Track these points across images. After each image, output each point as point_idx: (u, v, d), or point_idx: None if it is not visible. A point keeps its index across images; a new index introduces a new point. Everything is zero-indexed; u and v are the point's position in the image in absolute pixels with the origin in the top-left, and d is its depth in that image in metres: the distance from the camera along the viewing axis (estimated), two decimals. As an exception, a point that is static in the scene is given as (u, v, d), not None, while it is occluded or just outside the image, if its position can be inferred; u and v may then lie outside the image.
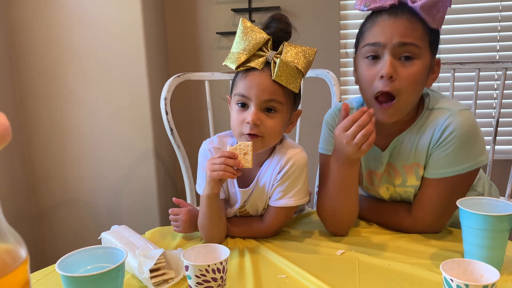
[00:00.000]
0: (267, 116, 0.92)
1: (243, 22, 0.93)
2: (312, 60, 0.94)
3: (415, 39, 0.89)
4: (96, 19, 1.88)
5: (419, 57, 0.90)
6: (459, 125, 0.92)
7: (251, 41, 0.90)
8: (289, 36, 0.94)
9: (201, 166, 1.02)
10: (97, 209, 2.05)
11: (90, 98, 1.94)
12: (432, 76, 0.97)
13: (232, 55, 0.92)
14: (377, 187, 1.09)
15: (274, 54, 0.91)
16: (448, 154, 0.94)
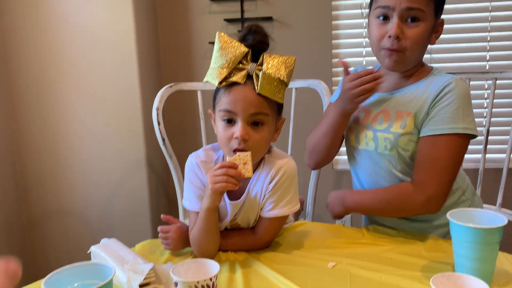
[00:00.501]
0: (255, 130, 0.92)
1: (220, 36, 0.92)
2: (293, 69, 0.94)
3: (420, 3, 1.01)
4: (89, 28, 1.88)
5: (423, 20, 1.03)
6: (458, 86, 1.02)
7: (230, 55, 0.90)
8: (267, 46, 0.94)
9: (188, 180, 1.01)
10: (89, 218, 2.03)
11: (82, 106, 1.93)
12: (436, 35, 1.09)
13: (213, 71, 0.92)
14: (360, 128, 1.14)
15: (255, 66, 0.91)
16: (446, 111, 1.01)
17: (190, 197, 0.99)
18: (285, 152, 1.03)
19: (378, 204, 1.09)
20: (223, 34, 0.93)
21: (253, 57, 0.92)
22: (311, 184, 1.59)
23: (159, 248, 1.04)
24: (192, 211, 0.99)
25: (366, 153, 1.14)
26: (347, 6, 2.07)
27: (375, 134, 1.10)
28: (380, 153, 1.10)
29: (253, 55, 0.92)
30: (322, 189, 1.67)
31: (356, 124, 1.16)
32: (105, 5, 1.86)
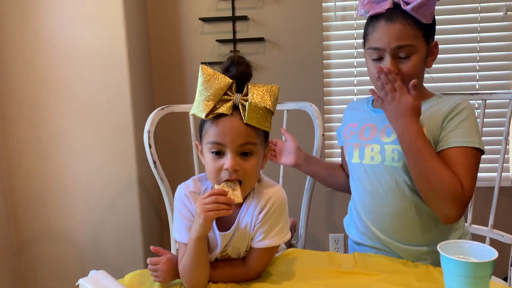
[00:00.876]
0: (244, 160, 0.92)
1: (203, 69, 0.92)
2: (277, 97, 0.95)
3: (410, 39, 1.06)
4: (80, 49, 1.88)
5: (415, 52, 1.07)
6: (469, 106, 1.08)
7: (215, 88, 0.90)
8: (251, 77, 0.94)
9: (177, 212, 1.00)
10: (79, 241, 2.01)
11: (73, 127, 1.92)
12: (431, 58, 1.13)
13: (199, 103, 0.92)
14: (365, 143, 1.15)
15: (240, 97, 0.91)
16: (463, 125, 1.05)
17: (179, 228, 0.98)
18: (274, 181, 1.03)
19: (429, 163, 1.02)
20: (206, 66, 0.93)
21: (238, 88, 0.92)
22: (303, 207, 1.58)
23: (148, 279, 1.02)
24: (181, 243, 0.98)
25: (370, 169, 1.15)
26: (338, 27, 2.09)
27: (383, 147, 1.12)
28: (386, 166, 1.11)
29: (237, 86, 0.92)
30: (313, 209, 1.67)
31: (361, 139, 1.17)
32: (97, 26, 1.87)
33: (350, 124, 1.26)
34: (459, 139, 1.04)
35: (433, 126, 1.07)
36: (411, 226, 1.11)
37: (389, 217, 1.13)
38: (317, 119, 1.53)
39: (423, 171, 1.02)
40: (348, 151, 1.22)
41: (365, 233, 1.18)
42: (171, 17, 2.14)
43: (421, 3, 1.03)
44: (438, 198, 1.01)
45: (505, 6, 1.97)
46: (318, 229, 2.22)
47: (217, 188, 0.89)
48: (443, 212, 1.03)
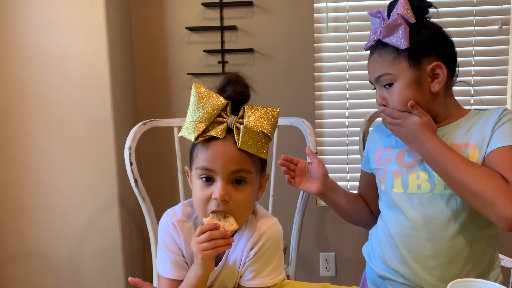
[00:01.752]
0: (236, 189, 0.82)
1: (196, 87, 0.83)
2: (277, 122, 0.86)
3: (385, 68, 1.05)
4: (59, 58, 1.77)
5: (396, 80, 1.04)
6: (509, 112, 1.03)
7: (208, 108, 0.81)
8: (248, 98, 0.86)
9: (162, 243, 0.90)
10: (56, 261, 1.89)
11: (50, 141, 1.81)
12: (437, 80, 1.04)
13: (189, 125, 0.82)
14: (409, 170, 1.07)
15: (235, 119, 0.82)
16: (505, 128, 1.00)
17: (163, 262, 0.89)
18: (270, 214, 0.93)
19: (458, 169, 0.95)
20: (200, 85, 0.84)
21: (234, 110, 0.84)
22: (294, 228, 1.49)
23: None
24: (164, 278, 0.88)
25: (417, 199, 1.05)
26: (329, 39, 2.02)
27: (431, 174, 1.03)
28: (438, 194, 1.02)
29: (233, 108, 0.84)
30: (304, 227, 1.58)
31: (402, 166, 1.09)
32: (77, 35, 1.77)
33: (383, 149, 1.16)
34: (501, 139, 0.98)
35: (481, 141, 1.01)
36: (462, 263, 1.02)
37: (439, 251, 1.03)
38: (310, 136, 1.45)
39: (456, 179, 0.95)
40: (387, 179, 1.11)
41: (396, 268, 1.08)
42: (157, 26, 2.05)
43: (387, 29, 1.02)
44: (484, 201, 0.91)
45: (500, 20, 1.93)
46: (309, 248, 2.13)
47: (207, 223, 0.79)
48: (497, 214, 0.90)
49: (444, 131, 1.06)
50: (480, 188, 0.91)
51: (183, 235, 0.88)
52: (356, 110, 2.04)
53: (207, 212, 0.82)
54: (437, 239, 1.02)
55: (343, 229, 2.09)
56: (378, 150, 1.17)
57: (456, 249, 1.01)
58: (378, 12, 1.07)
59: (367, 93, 2.02)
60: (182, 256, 0.89)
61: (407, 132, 1.03)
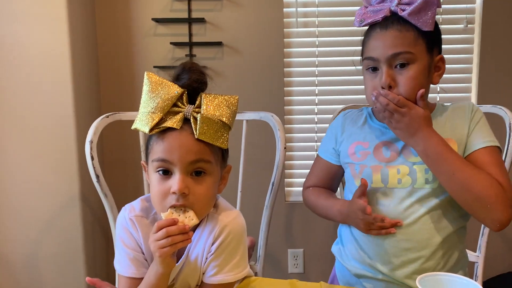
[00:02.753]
0: (196, 181, 0.78)
1: (148, 76, 0.79)
2: (236, 110, 0.82)
3: (407, 46, 0.97)
4: (17, 49, 1.68)
5: (414, 61, 0.97)
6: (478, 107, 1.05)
7: (162, 98, 0.76)
8: (205, 86, 0.81)
9: (119, 239, 0.85)
10: (14, 262, 1.79)
11: (7, 136, 1.72)
12: (438, 73, 1.03)
13: (143, 116, 0.78)
14: (389, 165, 1.03)
15: (192, 108, 0.78)
16: (482, 127, 1.02)
17: (121, 259, 0.84)
18: (232, 206, 0.90)
19: (463, 172, 0.93)
20: (152, 74, 0.79)
21: (190, 99, 0.79)
22: (262, 224, 1.46)
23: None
24: (122, 276, 0.84)
25: (397, 193, 1.03)
26: (299, 34, 2.00)
27: (412, 168, 1.01)
28: (418, 188, 1.01)
29: (190, 97, 0.79)
30: (273, 224, 1.55)
31: (381, 160, 1.05)
32: (37, 25, 1.68)
33: (358, 142, 1.11)
34: (482, 139, 0.99)
35: (459, 137, 1.01)
36: (438, 256, 1.02)
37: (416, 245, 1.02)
38: (278, 130, 1.43)
39: (460, 182, 0.93)
40: (364, 175, 1.07)
41: (374, 265, 1.07)
42: (122, 17, 1.98)
43: (419, 7, 0.95)
44: (485, 205, 0.92)
45: (465, 19, 1.96)
46: (277, 244, 2.11)
47: (164, 219, 0.75)
48: (494, 218, 0.92)
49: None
50: (484, 192, 0.92)
51: (141, 231, 0.84)
52: (325, 106, 2.03)
53: (166, 208, 0.78)
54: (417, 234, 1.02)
55: (311, 226, 2.08)
56: (352, 144, 1.12)
57: (434, 242, 1.01)
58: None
59: (336, 89, 2.01)
60: (141, 253, 0.84)
61: (410, 123, 0.97)
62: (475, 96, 2.00)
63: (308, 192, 1.24)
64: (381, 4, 1.01)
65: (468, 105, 1.04)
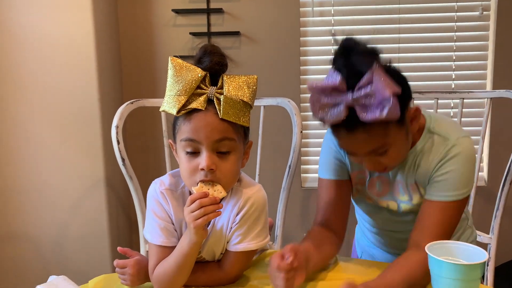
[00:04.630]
0: (222, 159, 0.84)
1: (172, 60, 0.84)
2: (256, 89, 0.87)
3: (380, 140, 0.88)
4: (45, 40, 1.76)
5: (391, 145, 0.89)
6: (460, 151, 0.93)
7: (186, 80, 0.82)
8: (226, 68, 0.87)
9: (151, 210, 0.92)
10: (42, 243, 1.89)
11: (36, 122, 1.80)
12: (415, 121, 0.93)
13: (169, 99, 0.84)
14: (379, 199, 1.04)
15: (215, 90, 0.84)
16: (450, 179, 0.93)
17: (152, 229, 0.90)
18: (254, 181, 0.96)
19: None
20: (176, 58, 0.85)
21: (212, 81, 0.85)
22: (280, 206, 1.52)
23: (115, 284, 0.94)
24: (153, 245, 0.90)
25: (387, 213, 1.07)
26: (315, 23, 2.04)
27: (400, 205, 1.03)
28: (403, 212, 1.04)
29: (212, 78, 0.85)
30: (289, 208, 1.61)
31: (373, 194, 1.05)
32: (63, 16, 1.76)
33: (358, 171, 1.05)
34: (441, 192, 0.93)
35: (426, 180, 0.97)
36: None
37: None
38: (295, 115, 1.48)
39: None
40: (357, 201, 1.10)
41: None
42: (143, 8, 2.05)
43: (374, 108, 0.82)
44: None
45: (481, 6, 1.97)
46: (293, 229, 2.16)
47: (196, 192, 0.81)
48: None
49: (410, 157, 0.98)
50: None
51: (171, 203, 0.90)
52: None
53: (195, 182, 0.84)
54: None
55: (327, 211, 2.13)
56: (354, 171, 1.06)
57: None
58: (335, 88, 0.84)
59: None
60: (171, 223, 0.91)
61: None
62: (490, 83, 2.02)
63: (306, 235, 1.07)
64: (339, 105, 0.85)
65: (444, 149, 0.94)
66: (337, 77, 0.84)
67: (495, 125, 2.03)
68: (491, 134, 2.04)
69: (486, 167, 2.09)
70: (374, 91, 0.81)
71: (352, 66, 0.84)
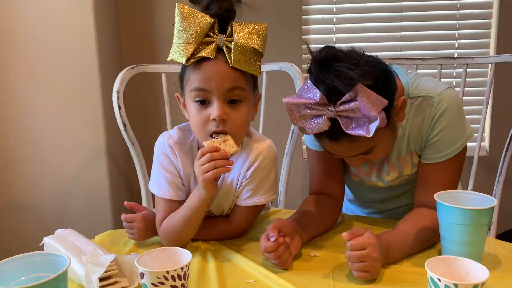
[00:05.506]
0: (233, 109, 0.83)
1: (179, 7, 0.82)
2: (266, 37, 0.85)
3: (368, 145, 0.84)
4: (41, 5, 1.72)
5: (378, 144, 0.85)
6: (446, 106, 0.89)
7: (195, 28, 0.80)
8: (235, 14, 0.85)
9: (158, 164, 0.90)
10: (43, 213, 1.88)
11: (34, 92, 1.78)
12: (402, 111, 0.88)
13: (177, 47, 0.81)
14: (365, 178, 1.02)
15: (224, 38, 0.81)
16: (445, 137, 0.91)
17: (160, 182, 0.90)
18: (264, 136, 0.95)
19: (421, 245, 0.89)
20: (183, 5, 0.83)
21: (221, 28, 0.83)
22: (283, 171, 1.52)
23: (122, 239, 0.95)
24: (161, 198, 0.90)
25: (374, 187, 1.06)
26: (317, -10, 2.02)
27: (386, 185, 1.02)
28: (392, 185, 1.03)
29: (221, 26, 0.83)
30: (291, 178, 1.61)
31: (360, 174, 1.03)
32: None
33: None
34: (439, 153, 0.92)
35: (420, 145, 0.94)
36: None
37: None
38: (298, 80, 1.47)
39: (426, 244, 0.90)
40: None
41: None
42: (142, -26, 2.01)
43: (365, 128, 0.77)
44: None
45: (485, -27, 1.95)
46: (294, 200, 2.17)
47: (207, 146, 0.79)
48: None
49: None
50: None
51: (180, 156, 0.89)
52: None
53: (207, 134, 0.83)
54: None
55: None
56: None
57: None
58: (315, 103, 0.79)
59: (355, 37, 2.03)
60: (179, 177, 0.90)
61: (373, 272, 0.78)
62: (493, 51, 2.00)
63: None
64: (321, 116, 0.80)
65: (431, 109, 0.90)
66: (316, 94, 0.77)
67: (497, 95, 2.02)
68: (493, 103, 2.03)
69: (488, 137, 2.09)
70: (359, 107, 0.75)
71: (333, 82, 0.76)
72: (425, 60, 1.60)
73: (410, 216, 0.91)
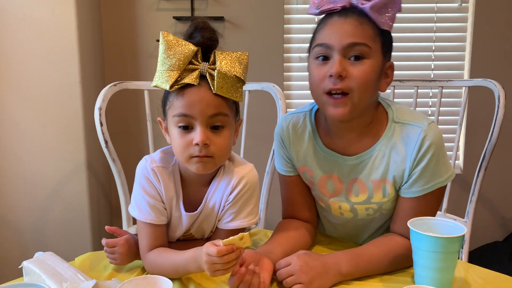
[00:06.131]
0: (215, 134, 0.85)
1: (164, 35, 0.84)
2: (247, 65, 0.88)
3: (365, 39, 0.89)
4: (25, 19, 1.72)
5: (369, 57, 0.89)
6: (433, 139, 0.91)
7: (178, 56, 0.82)
8: (217, 43, 0.87)
9: (140, 187, 0.91)
10: (21, 229, 1.86)
11: (15, 105, 1.77)
12: (386, 80, 0.95)
13: (161, 74, 0.83)
14: (330, 200, 1.01)
15: (207, 65, 0.84)
16: (430, 169, 0.91)
17: (142, 206, 0.90)
18: (245, 160, 0.97)
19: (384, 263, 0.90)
20: (168, 33, 0.85)
21: (204, 56, 0.85)
22: (263, 190, 1.54)
23: (102, 262, 0.94)
24: (142, 223, 0.90)
25: (341, 219, 1.05)
26: (299, 10, 2.06)
27: (353, 207, 1.00)
28: (361, 218, 1.03)
29: (204, 54, 0.85)
30: (272, 194, 1.63)
31: (325, 194, 1.02)
32: (44, -3, 1.72)
33: (304, 168, 1.03)
34: (418, 187, 0.92)
35: (402, 178, 0.94)
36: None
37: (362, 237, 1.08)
38: (280, 100, 1.49)
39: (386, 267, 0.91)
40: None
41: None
42: (126, -9, 2.02)
43: (382, 2, 0.89)
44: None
45: (460, -3, 2.02)
46: (276, 216, 2.19)
47: (223, 246, 0.76)
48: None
49: (373, 154, 0.96)
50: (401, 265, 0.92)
51: (163, 180, 0.90)
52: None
53: (189, 157, 0.84)
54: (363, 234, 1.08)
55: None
56: (299, 167, 1.04)
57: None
58: None
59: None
60: (161, 201, 0.91)
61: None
62: (467, 73, 2.07)
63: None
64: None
65: (418, 141, 0.91)
66: None
67: (471, 116, 2.09)
68: (467, 124, 2.10)
69: (462, 156, 2.16)
70: None
71: None
72: (403, 82, 1.65)
73: (377, 239, 0.96)
